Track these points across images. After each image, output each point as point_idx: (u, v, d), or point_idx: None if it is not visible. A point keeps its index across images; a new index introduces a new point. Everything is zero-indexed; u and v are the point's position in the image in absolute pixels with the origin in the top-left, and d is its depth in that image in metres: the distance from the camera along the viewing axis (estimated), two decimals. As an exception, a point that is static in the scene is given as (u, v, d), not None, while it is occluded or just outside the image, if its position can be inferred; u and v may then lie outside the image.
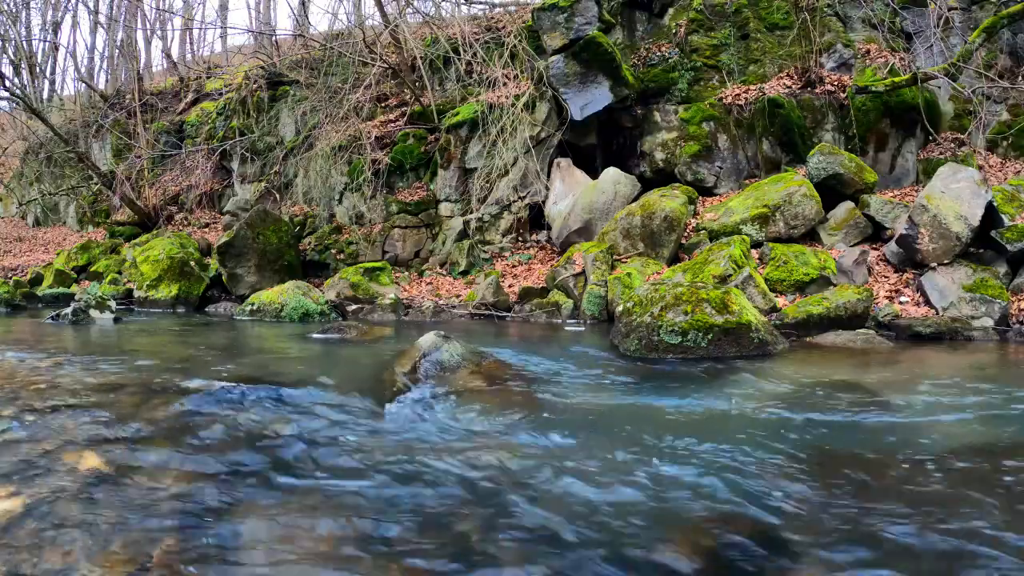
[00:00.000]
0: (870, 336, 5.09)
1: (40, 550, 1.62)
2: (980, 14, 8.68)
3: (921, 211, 6.30)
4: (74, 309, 6.63)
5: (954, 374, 3.96)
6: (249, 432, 2.57)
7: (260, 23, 17.95)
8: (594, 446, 2.50)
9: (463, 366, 3.64)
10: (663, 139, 9.08)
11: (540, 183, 8.96)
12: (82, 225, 14.96)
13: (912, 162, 8.34)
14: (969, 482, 2.15)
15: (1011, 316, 5.69)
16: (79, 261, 11.40)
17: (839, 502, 1.98)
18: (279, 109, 12.64)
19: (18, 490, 1.92)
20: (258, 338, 5.98)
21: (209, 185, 12.78)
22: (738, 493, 2.05)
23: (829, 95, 8.49)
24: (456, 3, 12.23)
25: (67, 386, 3.20)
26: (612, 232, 7.68)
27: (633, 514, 1.90)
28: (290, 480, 2.14)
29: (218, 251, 9.02)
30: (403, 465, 2.29)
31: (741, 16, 9.31)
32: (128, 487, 2.00)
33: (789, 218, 7.17)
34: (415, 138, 10.25)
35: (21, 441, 2.33)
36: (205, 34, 26.50)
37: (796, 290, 6.30)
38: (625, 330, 4.71)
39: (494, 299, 7.40)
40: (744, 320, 4.49)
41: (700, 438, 2.57)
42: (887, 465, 2.31)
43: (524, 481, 2.14)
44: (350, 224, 10.29)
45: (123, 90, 16.14)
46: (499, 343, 5.26)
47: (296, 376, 3.53)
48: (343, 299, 7.79)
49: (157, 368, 3.82)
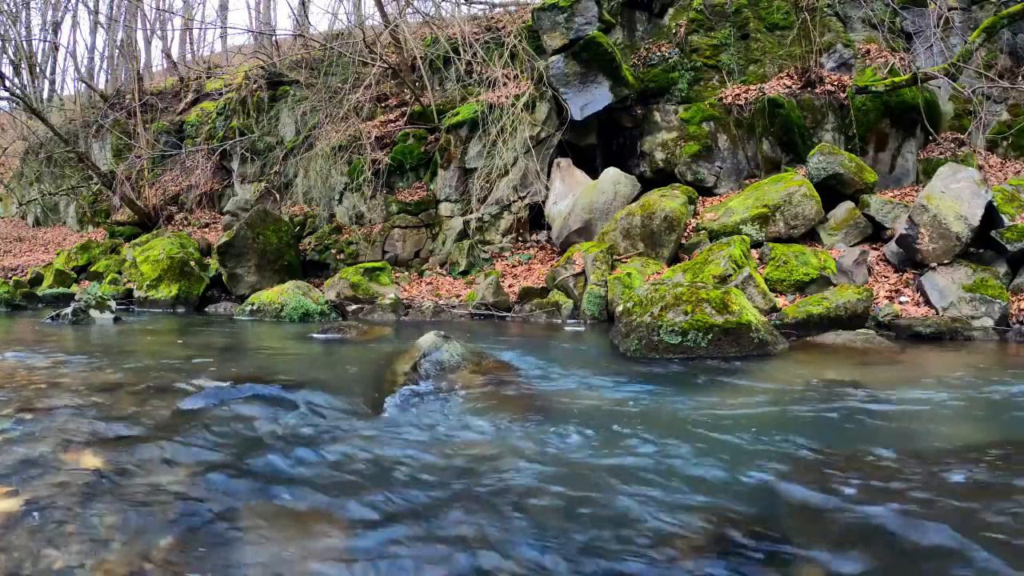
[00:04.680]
0: (870, 336, 5.08)
1: (40, 550, 1.62)
2: (980, 14, 8.68)
3: (921, 211, 6.30)
4: (74, 309, 6.63)
5: (954, 374, 3.96)
6: (249, 432, 2.58)
7: (260, 23, 17.95)
8: (595, 446, 2.50)
9: (463, 366, 3.65)
10: (663, 139, 9.08)
11: (540, 183, 8.97)
12: (82, 225, 14.97)
13: (912, 162, 8.34)
14: (969, 481, 2.15)
15: (1011, 316, 5.69)
16: (79, 261, 11.40)
17: (839, 501, 1.98)
18: (279, 109, 12.64)
19: (18, 490, 1.92)
20: (258, 338, 5.98)
21: (209, 185, 12.79)
22: (738, 491, 2.05)
23: (829, 95, 8.49)
24: (456, 3, 12.24)
25: (67, 386, 3.21)
26: (612, 232, 7.68)
27: (633, 513, 1.90)
28: (290, 480, 2.14)
29: (218, 251, 9.02)
30: (403, 465, 2.29)
31: (741, 16, 9.31)
32: (128, 487, 2.01)
33: (789, 218, 7.17)
34: (415, 138, 10.25)
35: (21, 441, 2.33)
36: (205, 34, 26.52)
37: (796, 290, 6.30)
38: (625, 330, 4.71)
39: (494, 299, 7.40)
40: (744, 320, 4.49)
41: (700, 437, 2.57)
42: (887, 464, 2.31)
43: (524, 481, 2.14)
44: (350, 224, 10.29)
45: (123, 90, 16.14)
46: (499, 343, 5.26)
47: (296, 376, 3.53)
48: (343, 299, 7.80)
49: (157, 368, 3.82)
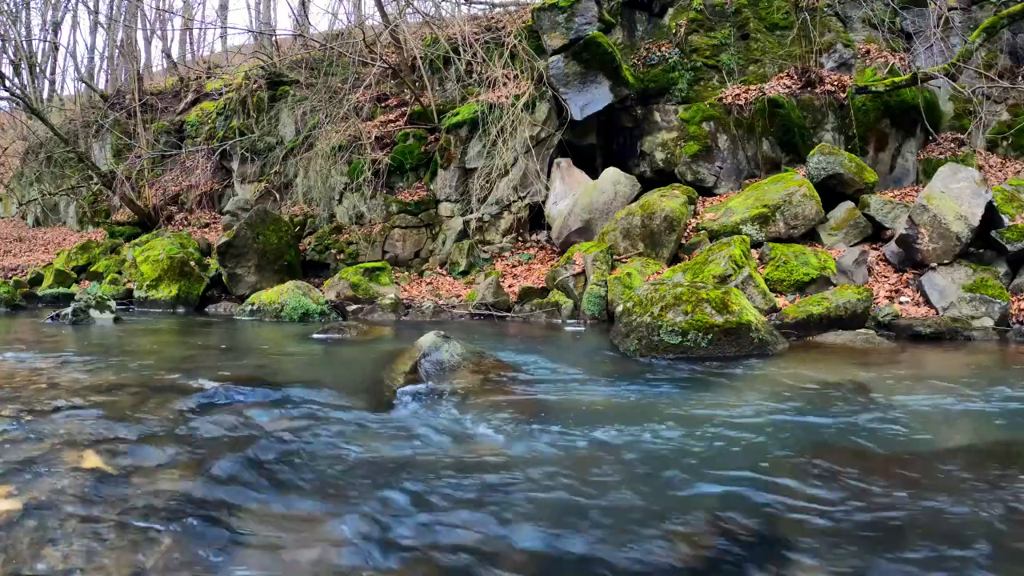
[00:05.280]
0: (870, 336, 5.08)
1: (40, 550, 1.62)
2: (980, 14, 8.68)
3: (921, 211, 6.30)
4: (74, 309, 6.62)
5: (954, 374, 3.96)
6: (248, 433, 2.58)
7: (260, 23, 17.94)
8: (595, 445, 2.50)
9: (463, 366, 3.65)
10: (663, 139, 9.08)
11: (540, 183, 8.97)
12: (82, 225, 14.96)
13: (912, 162, 8.34)
14: (968, 480, 2.15)
15: (1011, 316, 5.69)
16: (79, 261, 11.39)
17: (839, 499, 1.99)
18: (279, 109, 12.63)
19: (18, 490, 1.92)
20: (258, 338, 5.97)
21: (209, 185, 12.78)
22: (738, 491, 2.05)
23: (829, 95, 8.50)
24: (456, 3, 12.24)
25: (67, 386, 3.21)
26: (612, 232, 7.68)
27: (633, 512, 1.90)
28: (289, 481, 2.14)
29: (218, 251, 9.02)
30: (403, 465, 2.29)
31: (741, 16, 9.31)
32: (128, 487, 2.01)
33: (789, 218, 7.17)
34: (415, 138, 10.24)
35: (21, 441, 2.33)
36: (205, 34, 26.51)
37: (796, 290, 6.30)
38: (625, 330, 4.71)
39: (494, 299, 7.40)
40: (744, 320, 4.49)
41: (700, 437, 2.58)
42: (887, 462, 2.31)
43: (524, 481, 2.14)
44: (350, 224, 10.29)
45: (123, 90, 16.13)
46: (499, 343, 5.26)
47: (296, 376, 3.53)
48: (343, 299, 7.79)
49: (157, 368, 3.83)
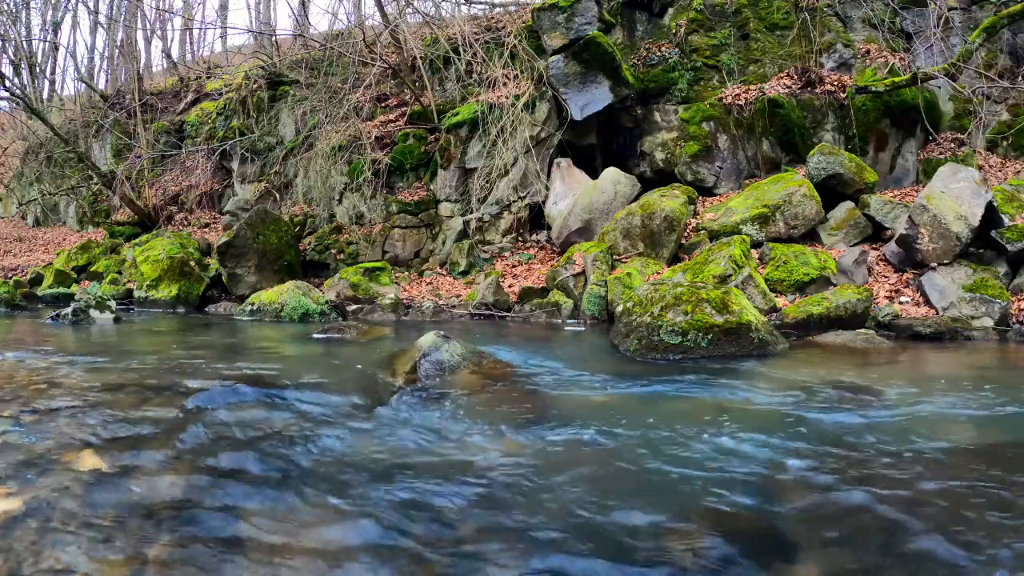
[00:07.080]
0: (870, 336, 5.08)
1: (40, 550, 1.62)
2: (980, 14, 8.68)
3: (921, 211, 6.30)
4: (74, 309, 6.62)
5: (954, 374, 3.96)
6: (248, 433, 2.58)
7: (260, 23, 17.94)
8: (595, 445, 2.50)
9: (463, 366, 3.65)
10: (663, 139, 9.08)
11: (540, 183, 8.97)
12: (82, 225, 14.96)
13: (912, 162, 8.34)
14: (969, 481, 2.15)
15: (1011, 316, 5.69)
16: (79, 261, 11.40)
17: (839, 500, 1.99)
18: (279, 109, 12.63)
19: (18, 490, 1.92)
20: (258, 338, 5.97)
21: (209, 185, 12.78)
22: (738, 490, 2.05)
23: (829, 95, 8.49)
24: (456, 3, 12.23)
25: (67, 386, 3.21)
26: (612, 232, 7.68)
27: (633, 512, 1.90)
28: (288, 480, 2.14)
29: (218, 251, 9.02)
30: (404, 465, 2.29)
31: (741, 16, 9.31)
32: (127, 487, 2.01)
33: (789, 218, 7.17)
34: (415, 138, 10.24)
35: (21, 441, 2.33)
36: (205, 34, 26.51)
37: (796, 290, 6.30)
38: (625, 330, 4.71)
39: (494, 299, 7.40)
40: (744, 320, 4.49)
41: (700, 437, 2.57)
42: (887, 464, 2.31)
43: (524, 481, 2.14)
44: (350, 224, 10.29)
45: (123, 90, 16.13)
46: (499, 343, 5.26)
47: (296, 376, 3.53)
48: (343, 299, 7.79)
49: (157, 368, 3.82)
